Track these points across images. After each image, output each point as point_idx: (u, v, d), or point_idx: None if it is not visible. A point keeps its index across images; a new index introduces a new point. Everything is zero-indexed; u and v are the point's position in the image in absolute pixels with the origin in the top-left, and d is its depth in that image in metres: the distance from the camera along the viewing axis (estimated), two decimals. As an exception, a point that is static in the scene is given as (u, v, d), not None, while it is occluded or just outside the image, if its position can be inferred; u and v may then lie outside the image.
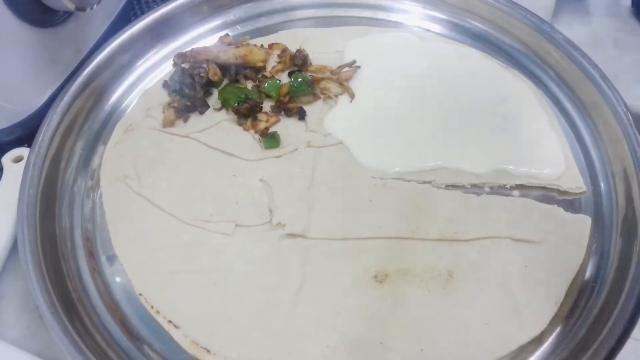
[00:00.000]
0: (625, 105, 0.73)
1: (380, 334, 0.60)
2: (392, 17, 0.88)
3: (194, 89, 0.77)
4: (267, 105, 0.78)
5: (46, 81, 0.74)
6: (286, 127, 0.76)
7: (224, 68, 0.80)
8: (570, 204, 0.71)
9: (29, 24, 0.67)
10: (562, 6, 0.95)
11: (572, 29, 0.94)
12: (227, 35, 0.85)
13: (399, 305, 0.62)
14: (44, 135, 0.69)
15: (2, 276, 0.67)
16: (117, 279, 0.65)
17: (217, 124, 0.76)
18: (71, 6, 0.67)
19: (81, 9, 0.68)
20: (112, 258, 0.66)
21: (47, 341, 0.63)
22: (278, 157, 0.73)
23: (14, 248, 0.67)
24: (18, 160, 0.72)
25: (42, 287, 0.59)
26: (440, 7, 0.88)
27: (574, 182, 0.71)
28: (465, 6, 0.87)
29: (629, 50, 0.93)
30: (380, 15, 0.89)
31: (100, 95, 0.77)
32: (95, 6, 0.70)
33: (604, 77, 0.76)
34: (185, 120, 0.76)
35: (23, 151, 0.73)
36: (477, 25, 0.87)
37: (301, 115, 0.77)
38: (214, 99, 0.79)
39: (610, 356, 0.56)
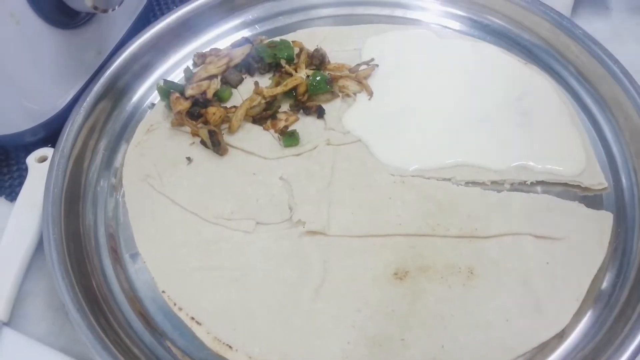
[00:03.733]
0: (647, 101, 0.72)
1: (401, 331, 0.60)
2: (410, 14, 0.89)
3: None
4: (285, 105, 0.79)
5: (69, 82, 0.75)
6: (305, 125, 0.76)
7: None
8: (592, 200, 0.70)
9: (52, 26, 0.68)
10: (581, 1, 0.94)
11: (592, 25, 0.92)
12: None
13: (419, 302, 0.62)
14: (67, 135, 0.71)
15: (28, 274, 0.68)
16: (140, 277, 0.66)
17: (236, 122, 0.77)
18: (94, 8, 0.68)
19: (104, 10, 0.69)
20: (135, 256, 0.67)
21: (72, 338, 0.64)
22: (297, 155, 0.74)
23: (39, 246, 0.68)
24: (42, 160, 0.74)
25: (67, 284, 0.60)
26: (458, 4, 0.88)
27: (596, 178, 0.71)
28: (484, 2, 0.86)
29: (649, 45, 0.92)
30: (398, 12, 0.89)
31: (122, 95, 0.79)
32: (117, 7, 0.71)
33: (625, 72, 0.75)
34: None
35: (47, 151, 0.74)
36: (496, 21, 0.87)
37: (320, 113, 0.77)
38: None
39: (633, 354, 0.56)
